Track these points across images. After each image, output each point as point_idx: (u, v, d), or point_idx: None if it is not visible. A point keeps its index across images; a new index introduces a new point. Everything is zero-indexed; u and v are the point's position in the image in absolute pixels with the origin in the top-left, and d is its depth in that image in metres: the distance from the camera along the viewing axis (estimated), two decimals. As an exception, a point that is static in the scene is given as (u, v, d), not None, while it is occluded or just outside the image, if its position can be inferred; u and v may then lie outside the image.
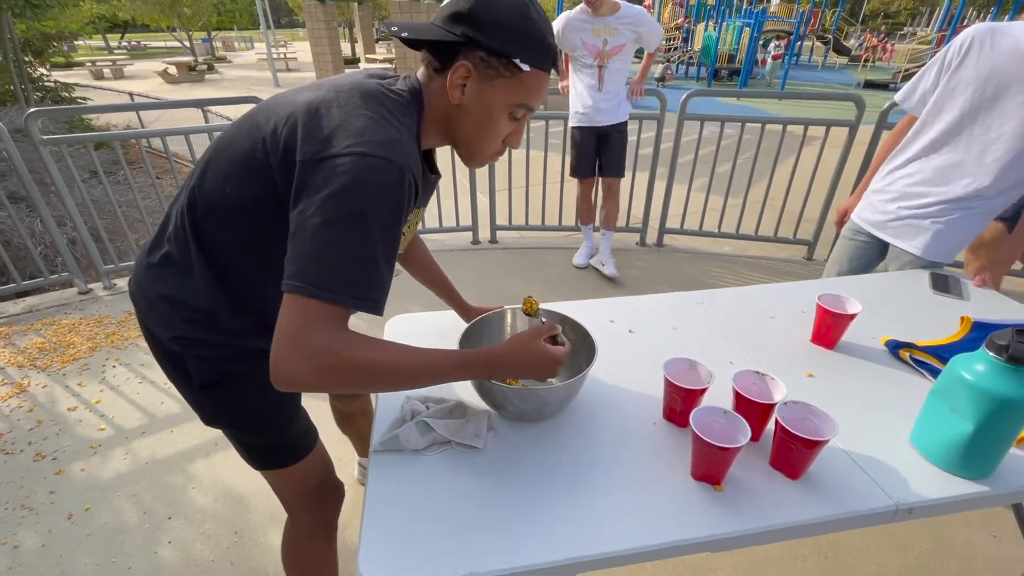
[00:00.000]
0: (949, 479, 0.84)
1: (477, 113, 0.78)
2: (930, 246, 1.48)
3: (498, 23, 0.72)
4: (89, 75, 16.89)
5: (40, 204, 2.63)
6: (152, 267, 0.85)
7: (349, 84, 0.76)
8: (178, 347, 0.85)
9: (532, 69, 0.75)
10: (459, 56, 0.74)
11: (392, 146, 0.68)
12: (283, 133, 0.70)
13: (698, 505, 0.79)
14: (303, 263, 0.65)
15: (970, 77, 1.32)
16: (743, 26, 13.08)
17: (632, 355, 1.13)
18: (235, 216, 0.77)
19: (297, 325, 0.64)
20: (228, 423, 0.94)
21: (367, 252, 0.67)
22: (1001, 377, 0.75)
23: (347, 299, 0.66)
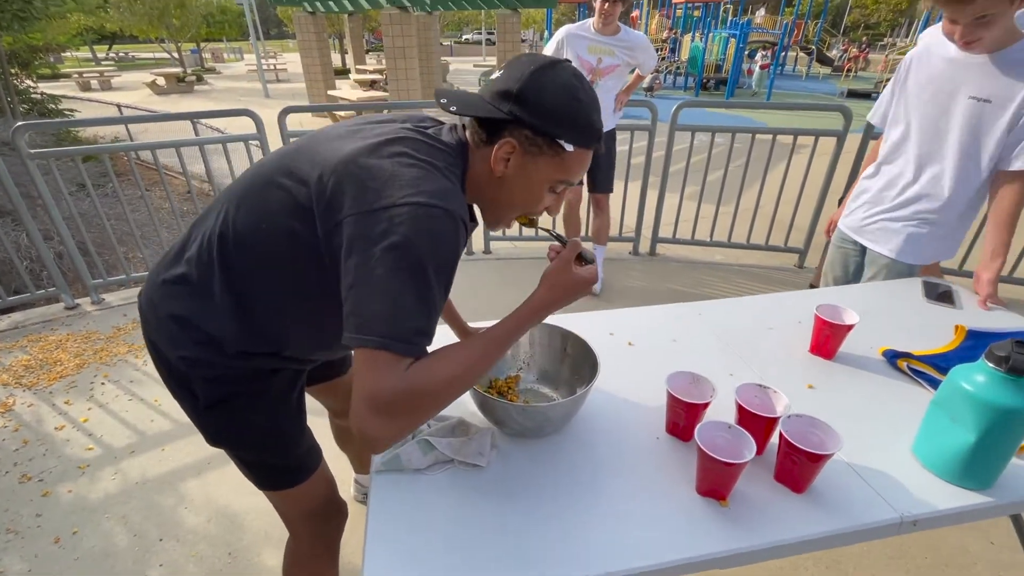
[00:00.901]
0: (952, 490, 0.84)
1: (518, 186, 0.79)
2: (903, 249, 1.55)
3: (546, 105, 0.72)
4: (76, 86, 16.74)
5: (26, 218, 2.59)
6: (167, 284, 0.84)
7: (396, 132, 0.75)
8: (184, 366, 0.83)
9: (576, 148, 0.75)
10: (505, 132, 0.74)
11: (447, 195, 0.69)
12: (330, 181, 0.70)
13: (704, 521, 0.79)
14: (369, 316, 0.65)
15: (912, 90, 1.47)
16: (729, 37, 13.30)
17: (633, 368, 1.13)
18: (266, 252, 0.77)
19: (374, 380, 0.64)
20: (233, 443, 0.93)
21: (428, 301, 0.67)
22: (1001, 388, 0.76)
23: (417, 349, 0.66)
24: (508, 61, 0.77)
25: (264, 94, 14.56)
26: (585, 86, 0.75)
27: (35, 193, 2.65)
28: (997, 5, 1.17)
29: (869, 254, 1.64)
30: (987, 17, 1.20)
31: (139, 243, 3.05)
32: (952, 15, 1.25)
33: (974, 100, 1.33)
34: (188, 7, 19.48)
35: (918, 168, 1.49)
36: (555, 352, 1.08)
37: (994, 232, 1.36)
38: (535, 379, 1.10)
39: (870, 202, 1.63)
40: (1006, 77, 1.28)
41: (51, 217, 2.64)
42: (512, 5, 11.58)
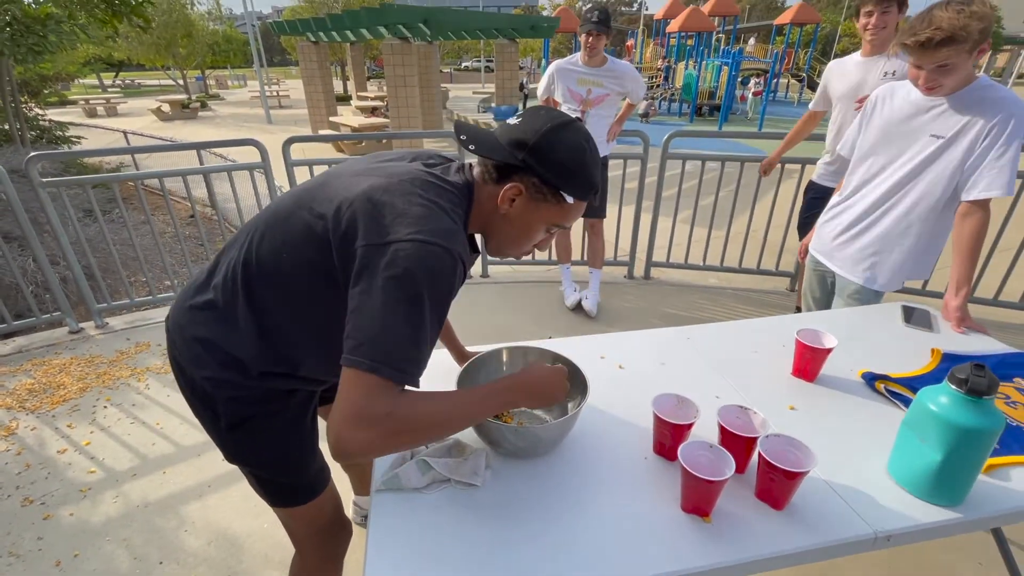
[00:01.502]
0: (924, 507, 0.88)
1: (519, 224, 0.88)
2: (870, 277, 1.66)
3: (557, 161, 0.81)
4: (82, 113, 17.06)
5: (35, 243, 2.65)
6: (193, 309, 0.90)
7: (407, 173, 0.82)
8: (209, 387, 0.89)
9: (575, 201, 0.85)
10: (515, 177, 0.83)
11: (448, 235, 0.76)
12: (346, 214, 0.77)
13: (688, 537, 0.83)
14: (363, 340, 0.70)
15: (875, 127, 1.60)
16: (721, 65, 13.67)
17: (622, 391, 1.17)
18: (288, 280, 0.83)
19: (357, 399, 0.69)
20: (252, 461, 0.97)
21: (421, 332, 0.73)
22: (963, 408, 0.81)
23: (398, 375, 0.71)
24: (527, 111, 0.85)
25: (267, 120, 14.85)
26: (591, 147, 0.84)
27: (43, 219, 2.72)
28: (958, 56, 1.31)
29: (839, 280, 1.74)
30: (948, 65, 1.33)
31: (143, 267, 3.11)
32: (918, 61, 1.36)
33: (934, 138, 1.46)
34: (195, 37, 19.99)
35: (884, 199, 1.60)
36: (547, 375, 1.12)
37: (957, 262, 1.44)
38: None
39: (838, 229, 1.73)
40: (962, 116, 1.41)
41: (59, 243, 2.70)
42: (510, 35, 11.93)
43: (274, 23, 12.95)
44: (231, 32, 25.24)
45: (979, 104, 1.38)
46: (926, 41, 1.30)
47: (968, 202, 1.43)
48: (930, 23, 1.29)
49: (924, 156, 1.48)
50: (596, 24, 2.54)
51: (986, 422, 0.80)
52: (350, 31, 10.59)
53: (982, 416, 0.80)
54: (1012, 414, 1.09)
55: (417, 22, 9.12)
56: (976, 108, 1.39)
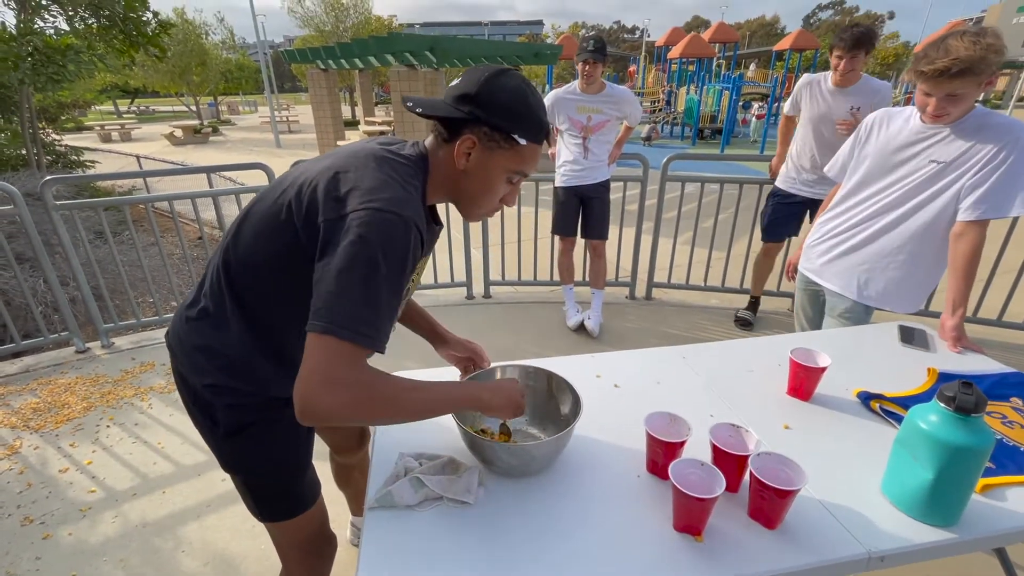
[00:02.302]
0: (919, 527, 0.88)
1: (479, 178, 0.90)
2: (861, 292, 1.67)
3: (500, 105, 0.84)
4: (98, 138, 17.52)
5: (46, 265, 2.71)
6: (190, 320, 0.93)
7: (362, 151, 0.87)
8: (209, 394, 0.91)
9: (528, 143, 0.87)
10: (465, 130, 0.86)
11: (401, 203, 0.78)
12: (307, 195, 0.81)
13: (680, 556, 0.83)
14: (322, 305, 0.74)
15: (870, 151, 1.64)
16: (722, 90, 13.89)
17: (617, 410, 1.18)
18: (266, 269, 0.86)
19: (323, 362, 0.72)
20: (245, 470, 0.99)
21: (377, 295, 0.75)
22: (951, 426, 0.81)
23: (361, 339, 0.74)
24: (465, 72, 0.89)
25: (276, 144, 15.18)
26: (533, 90, 0.87)
27: (55, 241, 2.78)
28: (970, 86, 1.33)
29: (829, 299, 1.75)
30: (958, 95, 1.36)
31: (151, 288, 3.17)
32: (929, 90, 1.39)
33: (934, 163, 1.48)
34: (208, 65, 20.59)
35: (877, 219, 1.62)
36: (542, 394, 1.14)
37: (953, 283, 1.45)
38: (525, 421, 1.15)
39: (829, 248, 1.75)
40: (964, 142, 1.43)
41: (70, 264, 2.76)
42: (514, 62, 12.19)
43: (285, 51, 13.33)
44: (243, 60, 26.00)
45: (981, 130, 1.41)
46: (943, 70, 1.30)
47: (963, 222, 1.45)
48: (947, 53, 1.30)
49: (922, 180, 1.51)
50: (592, 53, 2.62)
51: (975, 440, 0.80)
52: (358, 59, 10.88)
53: (971, 434, 0.80)
54: (1008, 434, 1.08)
55: (423, 50, 9.37)
56: (978, 134, 1.41)
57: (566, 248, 3.14)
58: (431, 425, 1.12)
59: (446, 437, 1.07)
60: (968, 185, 1.42)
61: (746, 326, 3.17)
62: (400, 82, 9.54)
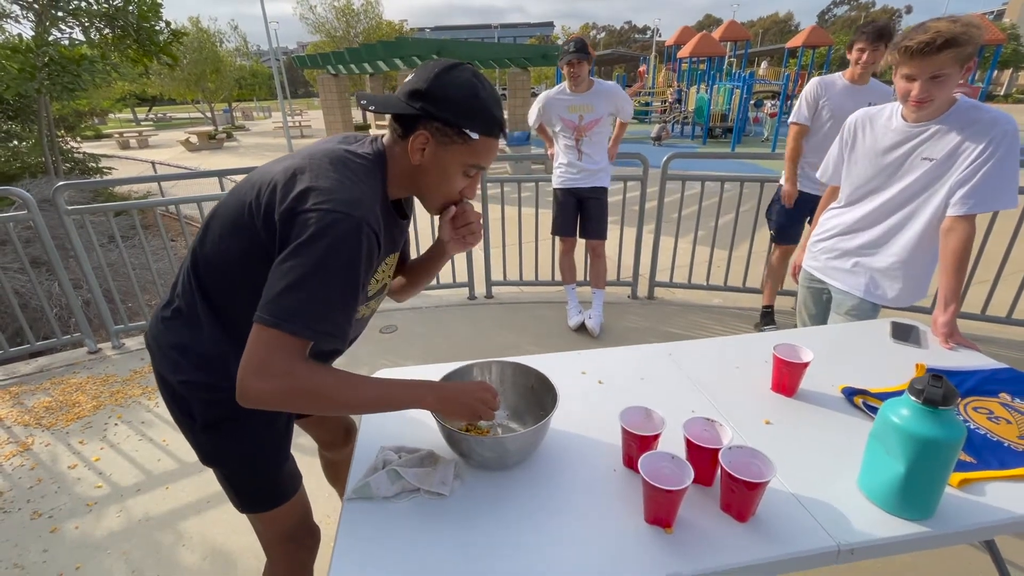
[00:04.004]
0: (892, 521, 0.87)
1: (435, 172, 0.92)
2: (870, 290, 1.65)
3: (451, 100, 0.86)
4: (116, 145, 17.94)
5: (59, 268, 2.80)
6: (165, 320, 0.97)
7: (320, 151, 0.89)
8: (184, 390, 0.94)
9: (481, 137, 0.88)
10: (419, 126, 0.87)
11: (353, 204, 0.80)
12: (265, 195, 0.84)
13: (649, 547, 0.84)
14: (269, 299, 0.77)
15: (859, 156, 1.64)
16: (733, 88, 13.77)
17: (599, 405, 1.19)
18: (232, 268, 0.89)
19: (261, 351, 0.76)
20: (225, 462, 1.01)
21: (325, 292, 0.78)
22: (921, 419, 0.81)
23: (305, 332, 0.77)
24: (418, 66, 0.90)
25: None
26: (484, 84, 0.88)
27: (68, 245, 2.87)
28: (952, 65, 1.32)
29: (835, 295, 1.73)
30: (941, 76, 1.33)
31: (159, 291, 3.24)
32: (913, 70, 1.36)
33: (926, 160, 1.47)
34: (223, 72, 20.96)
35: (881, 217, 1.61)
36: (522, 388, 1.15)
37: (944, 279, 1.43)
38: (507, 415, 1.16)
39: (834, 246, 1.74)
40: (954, 137, 1.42)
41: (82, 268, 2.84)
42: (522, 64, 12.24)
43: (297, 57, 13.53)
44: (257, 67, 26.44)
45: (971, 124, 1.39)
46: (928, 42, 1.29)
47: (952, 217, 1.43)
48: (927, 30, 1.30)
49: (918, 178, 1.50)
50: (575, 53, 2.64)
51: (944, 433, 0.80)
52: (367, 64, 11.00)
53: (940, 427, 0.80)
54: (993, 429, 1.07)
55: (430, 54, 9.45)
56: (968, 128, 1.39)
57: (567, 248, 3.15)
58: (413, 420, 1.14)
59: (427, 431, 1.09)
60: (957, 180, 1.41)
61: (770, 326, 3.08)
62: (408, 86, 9.62)
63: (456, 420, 0.95)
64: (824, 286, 1.80)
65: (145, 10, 5.50)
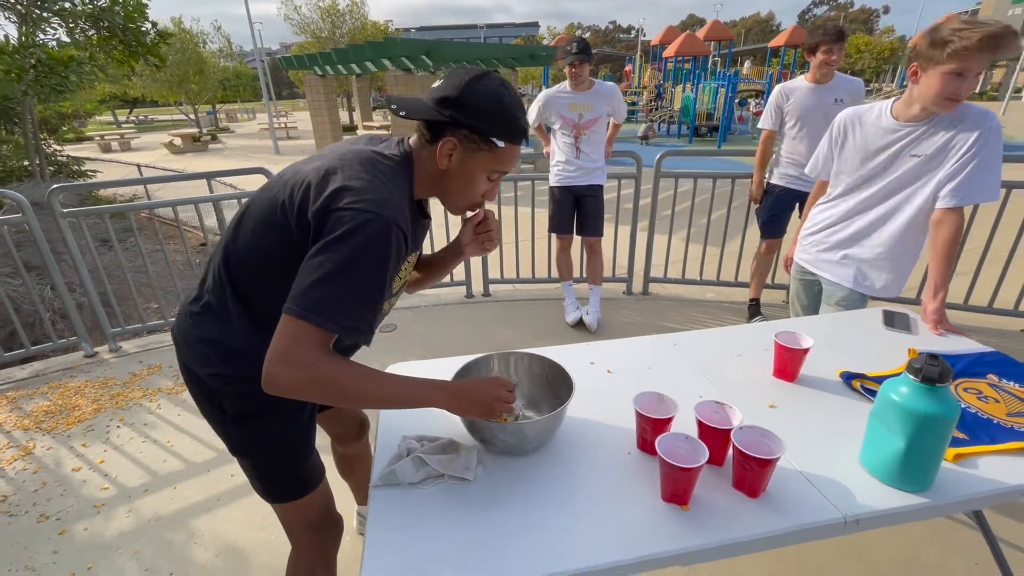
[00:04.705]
0: (893, 493, 0.93)
1: (460, 177, 0.95)
2: (859, 281, 1.72)
3: (479, 109, 0.89)
4: (98, 148, 17.63)
5: (55, 272, 2.77)
6: (193, 315, 0.99)
7: (350, 153, 0.92)
8: (215, 383, 0.97)
9: (506, 144, 0.92)
10: (447, 132, 0.91)
11: (383, 204, 0.84)
12: (298, 194, 0.87)
13: (667, 524, 0.88)
14: (299, 291, 0.80)
15: (849, 153, 1.69)
16: (718, 87, 13.95)
17: (610, 393, 1.23)
18: (264, 265, 0.92)
19: (287, 341, 0.79)
20: (255, 453, 1.04)
21: (354, 289, 0.81)
22: (919, 396, 0.87)
23: (331, 325, 0.80)
24: (447, 73, 0.94)
25: (275, 151, 15.24)
26: (510, 92, 0.92)
27: (62, 248, 2.85)
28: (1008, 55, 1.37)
29: (826, 286, 1.80)
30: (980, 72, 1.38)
31: (156, 293, 3.23)
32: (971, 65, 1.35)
33: (915, 157, 1.53)
34: (206, 73, 20.70)
35: (869, 211, 1.67)
36: (537, 378, 1.19)
37: (935, 267, 1.50)
38: (523, 404, 1.20)
39: (824, 239, 1.80)
40: (944, 133, 1.48)
41: (78, 271, 2.82)
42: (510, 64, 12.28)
43: (282, 58, 13.42)
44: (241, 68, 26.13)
45: (960, 122, 1.45)
46: (997, 34, 1.29)
47: (943, 209, 1.49)
48: (982, 25, 1.31)
49: (906, 173, 1.56)
50: (577, 55, 2.70)
51: (940, 408, 0.85)
52: (355, 64, 10.96)
53: (937, 403, 0.86)
54: (983, 408, 1.14)
55: (419, 54, 9.45)
56: (956, 125, 1.46)
57: (564, 246, 3.20)
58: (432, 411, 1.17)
59: (446, 420, 1.12)
60: (947, 174, 1.47)
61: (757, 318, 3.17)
62: (396, 86, 9.61)
63: (472, 418, 0.97)
64: (815, 278, 1.86)
65: (131, 10, 5.45)
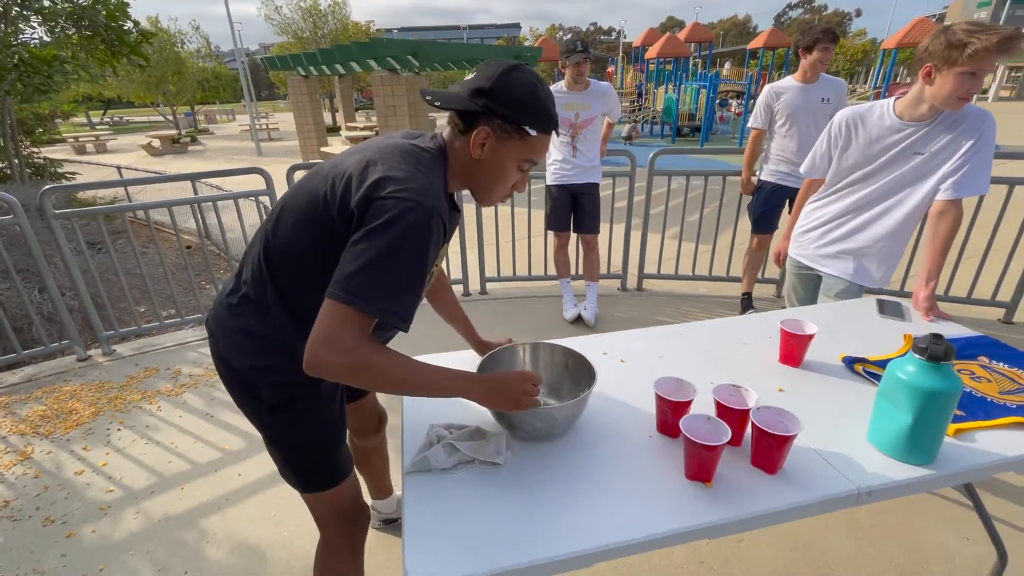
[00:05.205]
0: (901, 466, 0.99)
1: (493, 166, 0.98)
2: (855, 273, 1.79)
3: (513, 98, 0.93)
4: (72, 150, 17.17)
5: (47, 274, 2.73)
6: (231, 307, 1.00)
7: (389, 145, 0.95)
8: (253, 375, 0.98)
9: (538, 133, 0.96)
10: (481, 122, 0.94)
11: (425, 194, 0.87)
12: (340, 186, 0.89)
13: (694, 500, 0.92)
14: (343, 276, 0.82)
15: (854, 152, 1.73)
16: (700, 88, 14.17)
17: (626, 381, 1.28)
18: (305, 256, 0.93)
19: (330, 325, 0.81)
20: (290, 442, 1.05)
21: (395, 275, 0.84)
22: (925, 373, 0.92)
23: (374, 310, 0.82)
24: (479, 65, 0.97)
25: (257, 152, 15.04)
26: (541, 84, 0.96)
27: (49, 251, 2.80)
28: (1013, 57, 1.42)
29: (825, 279, 1.86)
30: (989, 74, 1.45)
31: (152, 296, 3.18)
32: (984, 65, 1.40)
33: (917, 155, 1.61)
34: (185, 74, 20.31)
35: (868, 207, 1.74)
36: (557, 367, 1.23)
37: (930, 257, 1.58)
38: (545, 392, 1.23)
39: (826, 235, 1.86)
40: (946, 133, 1.56)
41: (70, 273, 2.77)
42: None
43: (265, 58, 13.26)
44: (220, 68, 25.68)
45: (962, 121, 1.53)
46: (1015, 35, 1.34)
47: (946, 201, 1.57)
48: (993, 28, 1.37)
49: (907, 170, 1.63)
50: (582, 53, 2.75)
51: (945, 384, 0.91)
52: (340, 65, 10.88)
53: (942, 379, 0.92)
54: (976, 387, 1.21)
55: (406, 54, 9.43)
56: (959, 125, 1.53)
57: (561, 243, 3.25)
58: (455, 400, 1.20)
59: (470, 409, 1.15)
60: (950, 169, 1.55)
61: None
62: (383, 87, 9.57)
63: (499, 409, 1.00)
64: (812, 272, 1.93)
65: (113, 9, 5.34)
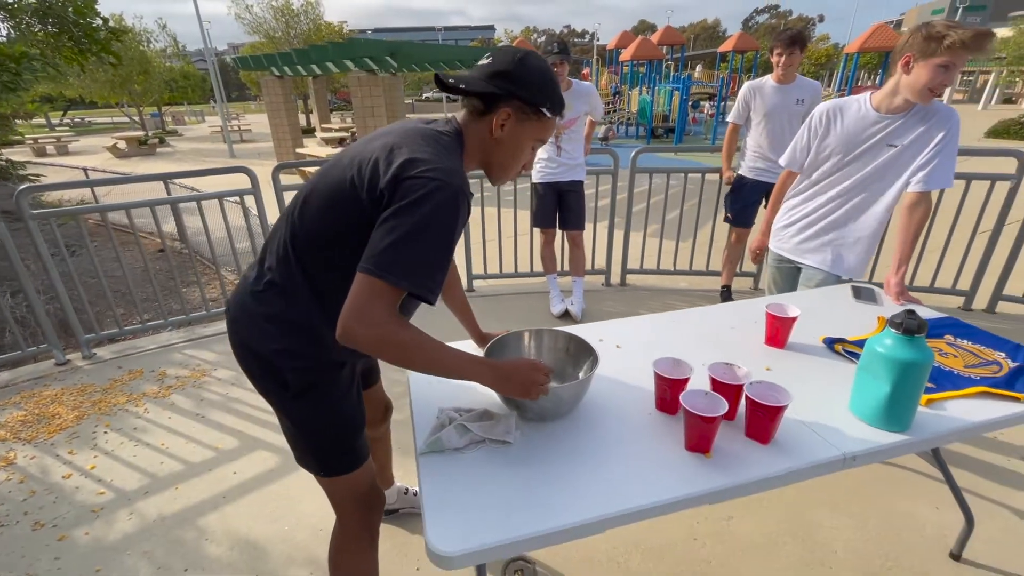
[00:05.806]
0: (881, 433, 1.07)
1: (510, 145, 1.04)
2: (834, 264, 1.89)
3: (532, 82, 0.99)
4: (31, 152, 16.51)
5: (24, 277, 2.65)
6: (255, 293, 1.02)
7: (410, 129, 0.99)
8: (278, 360, 1.00)
9: (551, 115, 1.03)
10: (501, 103, 0.99)
11: (451, 173, 0.91)
12: (368, 170, 0.92)
13: (694, 470, 0.99)
14: (375, 252, 0.86)
15: (832, 142, 1.80)
16: (673, 90, 14.48)
17: (623, 364, 1.34)
18: (333, 239, 0.96)
19: (363, 298, 0.85)
20: (312, 428, 1.08)
21: (426, 251, 0.87)
22: (900, 345, 1.01)
23: (405, 284, 0.86)
24: (493, 51, 1.02)
25: (229, 154, 14.74)
26: (552, 70, 1.03)
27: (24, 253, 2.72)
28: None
29: (805, 271, 1.96)
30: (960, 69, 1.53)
31: (135, 298, 3.12)
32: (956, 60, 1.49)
33: (890, 147, 1.70)
34: (151, 74, 19.74)
35: (845, 200, 1.83)
36: (559, 352, 1.28)
37: (901, 245, 1.68)
38: (549, 379, 1.28)
39: (802, 228, 1.96)
40: (918, 126, 1.65)
41: (49, 275, 2.71)
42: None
43: (238, 58, 13.00)
44: (188, 68, 25.04)
45: (932, 115, 1.63)
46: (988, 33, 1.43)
47: (918, 193, 1.67)
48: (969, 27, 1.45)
49: (882, 162, 1.72)
50: (559, 54, 2.80)
51: (919, 355, 1.00)
52: (316, 65, 10.75)
53: (915, 351, 1.00)
54: (944, 362, 1.31)
55: (384, 55, 9.39)
56: (929, 119, 1.63)
57: (547, 240, 3.31)
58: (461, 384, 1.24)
59: (475, 392, 1.20)
60: (921, 163, 1.65)
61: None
62: (360, 88, 9.51)
63: (509, 395, 1.04)
64: (792, 264, 2.02)
65: (80, 5, 5.19)
